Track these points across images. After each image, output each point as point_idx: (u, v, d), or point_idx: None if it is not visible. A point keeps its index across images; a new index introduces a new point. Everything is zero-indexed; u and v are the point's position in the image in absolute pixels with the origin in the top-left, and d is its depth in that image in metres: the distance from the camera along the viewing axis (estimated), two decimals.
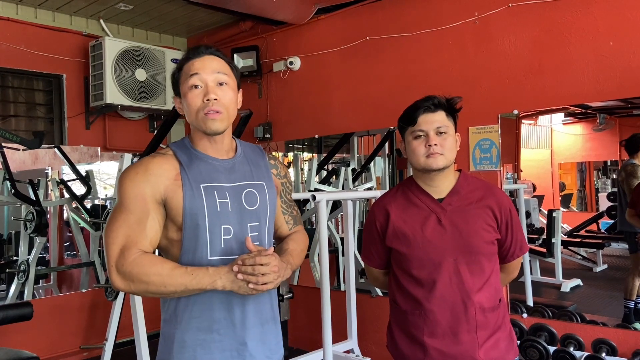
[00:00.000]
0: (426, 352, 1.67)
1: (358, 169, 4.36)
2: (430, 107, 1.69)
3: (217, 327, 1.43)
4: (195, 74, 1.43)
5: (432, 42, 3.53)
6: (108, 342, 3.39)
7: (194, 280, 1.34)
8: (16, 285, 4.18)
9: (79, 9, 4.28)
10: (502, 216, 1.71)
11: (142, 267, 1.33)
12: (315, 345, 3.21)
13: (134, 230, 1.37)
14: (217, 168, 1.47)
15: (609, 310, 3.20)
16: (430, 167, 1.67)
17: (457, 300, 1.65)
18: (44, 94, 4.41)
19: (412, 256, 1.69)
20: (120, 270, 1.34)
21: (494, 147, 3.23)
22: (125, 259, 1.34)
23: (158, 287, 1.34)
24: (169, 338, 1.45)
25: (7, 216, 4.46)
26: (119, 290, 1.38)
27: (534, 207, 3.73)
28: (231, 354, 1.43)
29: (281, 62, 4.36)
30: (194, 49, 1.49)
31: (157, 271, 1.33)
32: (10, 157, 4.00)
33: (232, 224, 1.45)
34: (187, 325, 1.43)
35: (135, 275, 1.33)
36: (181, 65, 1.48)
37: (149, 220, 1.38)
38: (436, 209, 1.70)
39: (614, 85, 2.83)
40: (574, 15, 2.97)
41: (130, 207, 1.38)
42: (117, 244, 1.35)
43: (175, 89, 1.51)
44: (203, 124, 1.43)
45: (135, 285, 1.34)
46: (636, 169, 3.21)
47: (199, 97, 1.43)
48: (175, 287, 1.34)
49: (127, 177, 1.41)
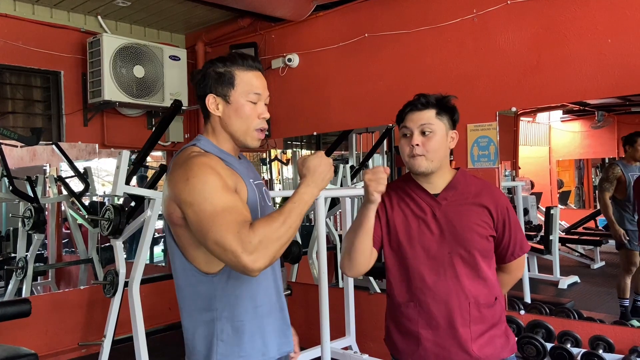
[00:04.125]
0: (420, 344, 1.68)
1: (356, 166, 4.36)
2: (418, 105, 1.68)
3: (272, 310, 1.54)
4: (259, 94, 1.52)
5: (430, 40, 3.53)
6: (106, 339, 3.39)
7: (301, 206, 1.38)
8: (14, 282, 4.18)
9: (76, 6, 4.26)
10: (499, 215, 1.71)
11: (262, 231, 1.30)
12: (314, 342, 3.22)
13: (234, 211, 1.33)
14: (243, 166, 1.55)
15: (606, 307, 3.21)
16: (413, 168, 1.69)
17: (451, 293, 1.66)
18: (41, 90, 4.39)
19: (408, 249, 1.70)
20: (249, 248, 1.28)
21: (492, 145, 3.24)
22: (246, 237, 1.28)
23: (288, 232, 1.34)
24: (238, 329, 1.46)
25: (5, 213, 4.46)
26: (263, 269, 1.32)
27: (532, 204, 3.74)
28: (280, 334, 1.55)
29: (279, 59, 4.35)
30: (253, 59, 1.53)
31: (274, 227, 1.32)
32: (8, 154, 3.99)
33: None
34: (254, 313, 1.49)
35: (262, 241, 1.29)
36: (232, 69, 1.51)
37: (239, 202, 1.39)
38: (431, 203, 1.71)
39: (612, 82, 2.83)
40: (573, 13, 2.96)
41: (222, 199, 1.34)
42: (232, 232, 1.29)
43: (217, 88, 1.50)
44: (250, 139, 1.53)
45: (270, 250, 1.30)
46: (614, 169, 3.29)
47: (255, 112, 1.52)
48: (297, 222, 1.37)
49: (200, 179, 1.35)
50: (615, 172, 3.28)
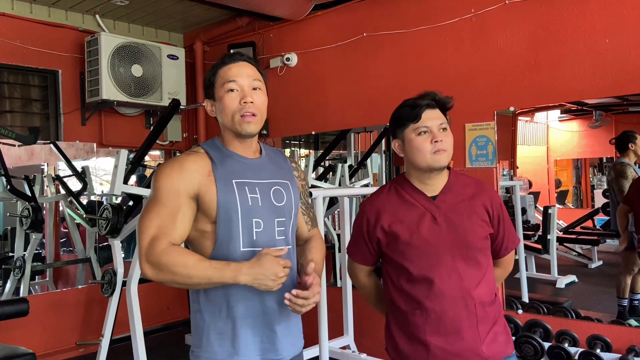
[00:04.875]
0: (429, 352, 1.65)
1: (355, 166, 4.36)
2: (432, 103, 1.69)
3: (250, 314, 1.51)
4: (233, 81, 1.53)
5: (429, 39, 3.53)
6: (104, 339, 3.39)
7: (217, 273, 1.41)
8: (12, 282, 4.17)
9: (74, 4, 4.25)
10: (494, 211, 1.72)
11: (170, 258, 1.41)
12: (312, 341, 3.21)
13: (166, 223, 1.45)
14: (247, 166, 1.56)
15: (604, 306, 3.21)
16: (437, 164, 1.67)
17: (457, 297, 1.64)
18: (39, 89, 4.39)
19: (410, 256, 1.68)
20: (149, 259, 1.42)
21: (490, 144, 3.24)
22: (155, 249, 1.42)
23: (184, 278, 1.42)
24: (203, 327, 1.52)
25: (2, 212, 4.46)
26: (148, 279, 1.46)
27: (529, 203, 3.74)
28: (261, 339, 1.52)
29: (278, 58, 4.35)
30: (230, 56, 1.58)
31: (184, 262, 1.41)
32: (5, 153, 3.98)
33: (262, 217, 1.53)
34: (225, 313, 1.50)
35: (164, 265, 1.41)
36: (216, 70, 1.58)
37: (180, 214, 1.46)
38: (431, 207, 1.70)
39: (609, 82, 2.84)
40: (570, 13, 2.97)
41: (164, 200, 1.46)
42: (149, 234, 1.44)
43: (208, 92, 1.60)
44: (239, 127, 1.53)
45: (163, 275, 1.42)
46: (625, 169, 3.21)
47: (235, 100, 1.53)
48: (200, 279, 1.42)
49: (163, 172, 1.50)
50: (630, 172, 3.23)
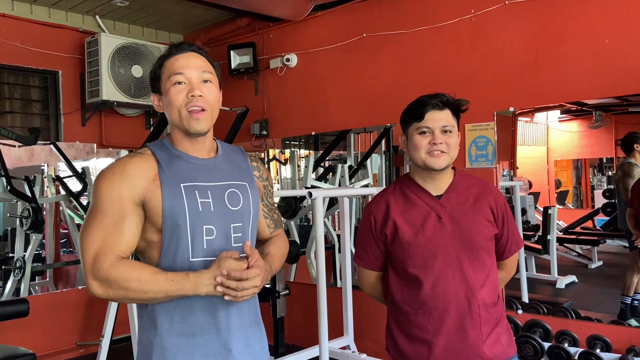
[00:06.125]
0: (431, 351, 1.65)
1: (355, 166, 4.36)
2: (439, 104, 1.68)
3: (200, 332, 1.38)
4: (180, 73, 1.39)
5: (428, 39, 3.53)
6: (104, 339, 3.39)
7: (175, 286, 1.29)
8: (12, 282, 4.17)
9: (74, 5, 4.26)
10: (499, 211, 1.72)
11: (121, 273, 1.28)
12: (312, 341, 3.22)
13: (110, 234, 1.31)
14: (198, 167, 1.42)
15: (604, 306, 3.22)
16: (433, 165, 1.66)
17: (461, 297, 1.64)
18: (39, 90, 4.39)
19: (414, 255, 1.67)
20: (97, 275, 1.29)
21: (490, 145, 3.24)
22: (102, 264, 1.29)
23: (138, 294, 1.30)
24: (148, 345, 1.39)
25: (3, 213, 4.45)
26: (96, 296, 1.32)
27: (529, 204, 3.74)
28: (215, 358, 1.38)
29: (278, 58, 4.35)
30: (177, 46, 1.43)
31: (137, 277, 1.29)
32: (5, 153, 3.98)
33: (214, 224, 1.39)
34: (168, 330, 1.37)
35: (114, 281, 1.28)
36: (162, 61, 1.43)
37: (125, 223, 1.33)
38: (435, 206, 1.69)
39: (609, 82, 2.84)
40: (570, 13, 2.97)
41: (106, 209, 1.32)
42: (93, 249, 1.30)
43: (154, 86, 1.45)
44: (187, 123, 1.38)
45: (113, 292, 1.30)
46: (632, 168, 3.22)
47: (182, 93, 1.38)
48: (156, 294, 1.30)
49: (104, 178, 1.36)
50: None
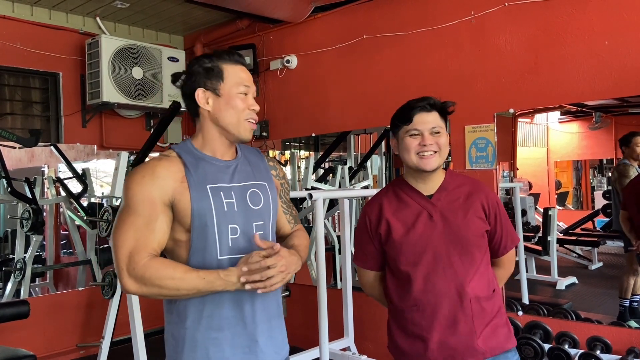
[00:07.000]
0: (427, 347, 1.70)
1: (355, 167, 4.36)
2: (426, 107, 1.73)
3: (227, 325, 1.46)
4: (248, 85, 1.53)
5: (428, 41, 3.53)
6: (105, 340, 3.39)
7: (207, 285, 1.37)
8: (13, 284, 4.17)
9: (75, 7, 4.26)
10: (490, 209, 1.76)
11: (155, 271, 1.36)
12: (312, 343, 3.22)
13: (143, 233, 1.39)
14: (221, 169, 1.51)
15: (604, 308, 3.22)
16: (423, 166, 1.72)
17: (452, 292, 1.68)
18: (40, 92, 4.39)
19: (406, 252, 1.73)
20: (132, 273, 1.36)
21: (490, 146, 3.24)
22: (137, 263, 1.36)
23: (171, 291, 1.37)
24: (178, 338, 1.47)
25: (3, 214, 4.46)
26: (130, 293, 1.41)
27: (530, 205, 3.75)
28: (242, 350, 1.47)
29: (278, 60, 4.36)
30: (237, 55, 1.55)
31: (170, 275, 1.36)
32: (6, 155, 3.99)
33: (238, 223, 1.48)
34: (198, 324, 1.45)
35: (148, 279, 1.35)
36: (222, 63, 1.52)
37: (157, 223, 1.40)
38: (427, 206, 1.74)
39: (609, 84, 2.84)
40: (570, 15, 2.97)
41: (138, 210, 1.40)
42: (127, 247, 1.37)
43: (208, 82, 1.51)
44: (243, 130, 1.51)
45: (147, 289, 1.37)
46: (627, 169, 3.22)
47: (245, 104, 1.52)
48: (188, 291, 1.38)
49: (134, 180, 1.43)
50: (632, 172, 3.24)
